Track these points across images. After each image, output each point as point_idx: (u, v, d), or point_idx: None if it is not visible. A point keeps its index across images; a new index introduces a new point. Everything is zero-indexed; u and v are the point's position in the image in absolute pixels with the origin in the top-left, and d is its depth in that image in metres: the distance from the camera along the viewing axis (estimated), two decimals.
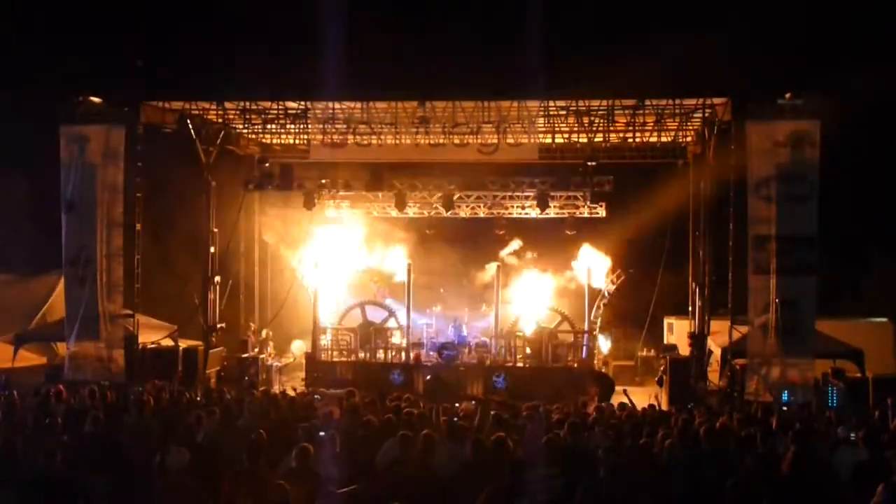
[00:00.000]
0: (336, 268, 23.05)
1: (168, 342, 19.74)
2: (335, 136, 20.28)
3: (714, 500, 7.23)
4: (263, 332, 22.19)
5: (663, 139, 20.60)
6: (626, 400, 14.80)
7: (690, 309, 20.18)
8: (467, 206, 23.22)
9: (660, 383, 19.95)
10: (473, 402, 13.98)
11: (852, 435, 9.29)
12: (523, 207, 23.02)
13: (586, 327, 20.71)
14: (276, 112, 20.33)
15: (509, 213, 23.19)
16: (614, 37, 22.21)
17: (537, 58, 22.08)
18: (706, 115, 19.22)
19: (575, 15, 22.95)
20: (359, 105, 19.84)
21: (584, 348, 20.47)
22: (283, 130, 20.96)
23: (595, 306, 21.39)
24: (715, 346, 19.13)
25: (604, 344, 22.35)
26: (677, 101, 19.15)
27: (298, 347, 22.92)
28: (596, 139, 20.04)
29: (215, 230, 20.98)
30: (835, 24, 21.46)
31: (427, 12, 22.36)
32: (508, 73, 21.49)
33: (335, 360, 20.91)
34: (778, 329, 16.92)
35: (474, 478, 7.03)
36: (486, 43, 22.79)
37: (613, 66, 20.94)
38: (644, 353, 22.98)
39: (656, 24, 22.71)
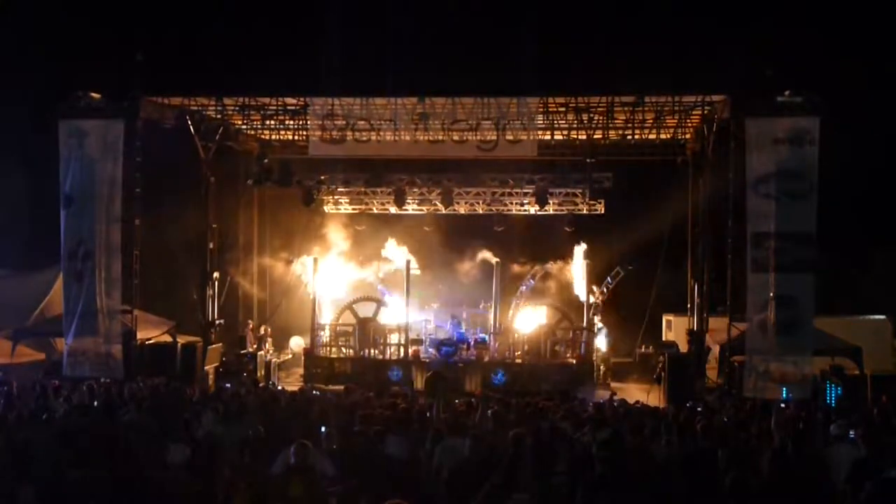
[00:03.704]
0: (334, 264, 23.08)
1: (166, 338, 19.73)
2: (334, 133, 20.26)
3: (711, 497, 7.25)
4: (262, 329, 22.18)
5: (662, 136, 20.60)
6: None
7: (689, 306, 20.19)
8: (466, 203, 23.22)
9: (658, 380, 19.98)
10: (472, 399, 13.97)
11: (851, 432, 9.29)
12: (522, 204, 23.03)
13: (585, 324, 20.73)
14: (275, 108, 20.32)
15: (508, 210, 23.19)
16: (614, 34, 22.18)
17: (536, 54, 22.12)
18: (705, 112, 19.22)
19: (574, 11, 22.92)
20: (358, 101, 19.83)
21: (583, 345, 20.49)
22: (282, 126, 20.93)
23: (594, 303, 21.42)
24: (713, 343, 19.15)
25: (602, 341, 22.37)
26: (676, 98, 19.13)
27: (297, 343, 22.93)
28: (595, 136, 20.04)
29: (214, 226, 20.97)
30: (835, 20, 21.44)
31: (427, 8, 22.31)
32: (508, 70, 21.49)
33: (333, 356, 20.93)
34: (776, 326, 16.92)
35: (474, 473, 7.04)
36: (485, 39, 22.75)
37: (613, 63, 20.95)
38: (642, 350, 23.02)
39: (656, 21, 22.68)
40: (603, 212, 22.18)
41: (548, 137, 20.70)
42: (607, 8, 22.37)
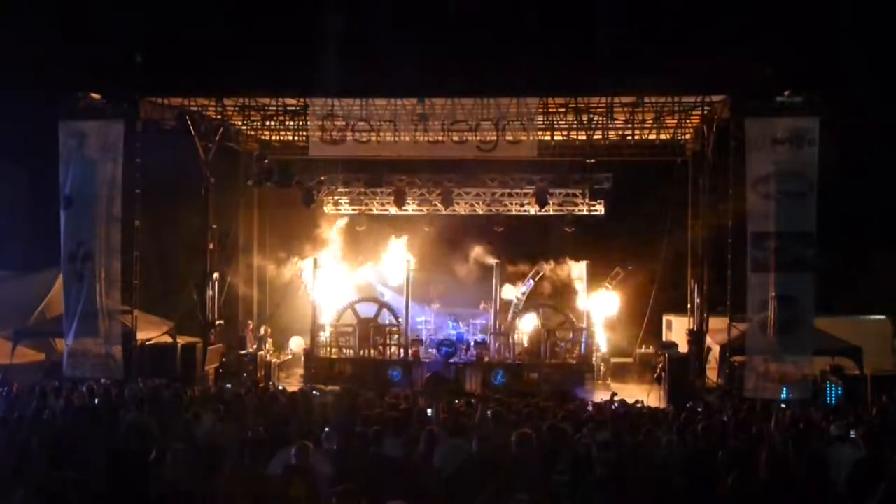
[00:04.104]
0: (334, 264, 23.07)
1: (166, 339, 19.72)
2: (334, 133, 20.26)
3: (711, 498, 7.24)
4: (262, 329, 22.18)
5: (662, 136, 20.59)
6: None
7: (689, 306, 20.19)
8: (466, 203, 23.22)
9: (658, 380, 19.99)
10: (472, 400, 13.97)
11: (851, 432, 9.29)
12: (522, 205, 23.03)
13: (584, 324, 20.73)
14: (275, 109, 20.32)
15: (508, 211, 23.19)
16: (613, 34, 22.19)
17: (536, 54, 22.12)
18: (705, 112, 19.21)
19: (574, 12, 22.94)
20: (358, 102, 19.84)
21: (583, 345, 20.50)
22: (282, 127, 20.93)
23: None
24: (714, 343, 19.15)
25: (602, 341, 22.37)
26: (676, 99, 19.14)
27: (297, 344, 22.91)
28: (595, 136, 20.04)
29: (214, 226, 20.95)
30: (835, 20, 21.43)
31: (427, 9, 22.33)
32: (508, 70, 21.47)
33: (334, 356, 20.93)
34: (776, 326, 16.93)
35: (477, 474, 7.03)
36: (485, 40, 22.75)
37: (613, 64, 20.96)
38: (643, 351, 23.01)
39: (655, 21, 22.69)
40: (603, 212, 22.17)
41: (547, 138, 20.70)
42: (607, 8, 22.35)
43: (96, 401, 12.05)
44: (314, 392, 15.24)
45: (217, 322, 20.65)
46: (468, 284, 23.11)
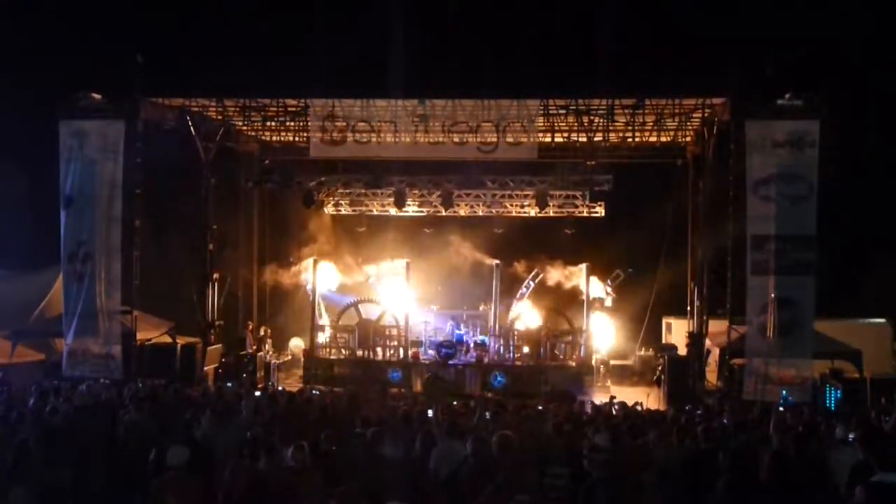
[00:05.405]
0: (334, 265, 23.06)
1: (166, 339, 19.71)
2: (334, 134, 20.27)
3: (711, 500, 7.24)
4: (261, 330, 22.16)
5: (663, 139, 20.60)
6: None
7: (689, 309, 20.19)
8: (466, 205, 23.21)
9: (658, 383, 19.98)
10: (472, 402, 13.96)
11: (850, 436, 9.28)
12: (522, 206, 23.03)
13: (584, 326, 20.71)
14: (275, 109, 20.34)
15: (508, 212, 23.19)
16: (614, 36, 22.18)
17: (537, 56, 22.13)
18: (705, 114, 19.23)
19: (574, 14, 22.93)
20: (358, 103, 19.85)
21: (582, 347, 20.48)
22: (282, 128, 20.95)
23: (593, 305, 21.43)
24: (713, 345, 19.13)
25: (602, 343, 22.35)
26: (677, 101, 19.16)
27: (296, 345, 22.90)
28: (595, 138, 20.04)
29: (214, 227, 20.96)
30: (835, 22, 21.44)
31: (427, 10, 22.33)
32: (509, 72, 21.48)
33: (333, 357, 20.92)
34: (776, 329, 16.92)
35: (475, 475, 7.03)
36: (486, 41, 22.75)
37: (613, 66, 20.95)
38: (642, 353, 23.00)
39: (656, 23, 22.68)
40: (603, 214, 22.17)
41: (548, 140, 20.71)
42: (607, 10, 22.35)
43: (97, 399, 12.04)
44: (314, 393, 15.24)
45: (217, 322, 20.66)
46: (468, 286, 23.10)
